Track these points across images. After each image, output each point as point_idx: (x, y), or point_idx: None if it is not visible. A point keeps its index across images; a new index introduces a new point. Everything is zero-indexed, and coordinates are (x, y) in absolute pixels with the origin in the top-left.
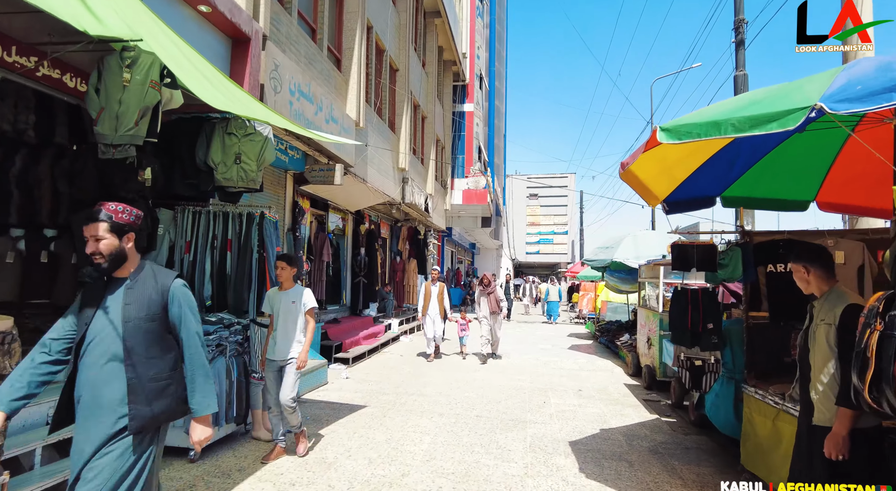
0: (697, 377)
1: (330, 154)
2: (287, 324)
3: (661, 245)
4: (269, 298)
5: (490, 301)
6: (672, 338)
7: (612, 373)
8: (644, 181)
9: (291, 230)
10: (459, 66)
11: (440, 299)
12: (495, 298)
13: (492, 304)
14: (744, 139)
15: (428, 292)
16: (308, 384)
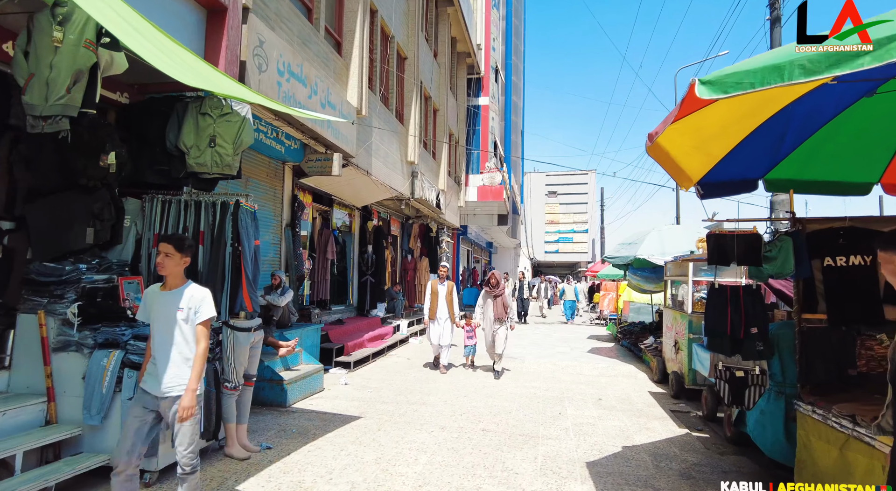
0: (739, 391)
1: (328, 143)
2: (168, 339)
3: (688, 240)
4: (146, 298)
5: (496, 305)
6: (708, 344)
7: (636, 379)
8: (675, 158)
9: (291, 226)
10: (474, 58)
11: (448, 301)
12: (503, 302)
13: (498, 309)
14: (798, 106)
15: (435, 292)
16: (301, 392)
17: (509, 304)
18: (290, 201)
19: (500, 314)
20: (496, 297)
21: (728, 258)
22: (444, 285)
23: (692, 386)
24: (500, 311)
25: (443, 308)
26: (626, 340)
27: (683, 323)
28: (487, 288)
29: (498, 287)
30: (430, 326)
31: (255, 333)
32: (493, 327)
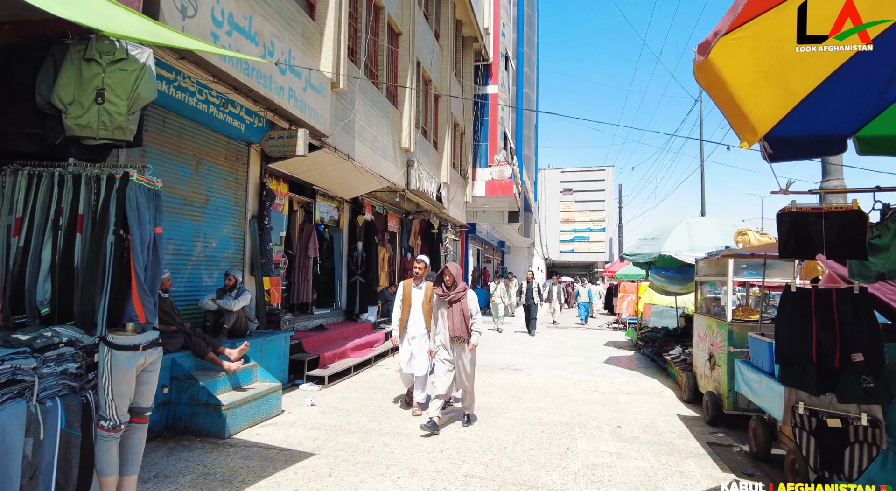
0: (833, 450)
1: (291, 116)
2: None
3: (722, 234)
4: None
5: (451, 316)
6: (780, 375)
7: (661, 397)
8: (734, 89)
9: (257, 218)
10: (481, 43)
11: (427, 310)
12: (463, 310)
13: (455, 321)
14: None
15: (407, 297)
16: (247, 418)
17: (472, 313)
18: (258, 190)
19: (458, 330)
20: (452, 303)
21: (811, 248)
22: (420, 288)
23: (733, 411)
24: (459, 325)
25: (418, 321)
26: (648, 347)
27: (721, 333)
28: (439, 290)
29: (454, 287)
30: (400, 345)
31: (147, 353)
32: (451, 351)
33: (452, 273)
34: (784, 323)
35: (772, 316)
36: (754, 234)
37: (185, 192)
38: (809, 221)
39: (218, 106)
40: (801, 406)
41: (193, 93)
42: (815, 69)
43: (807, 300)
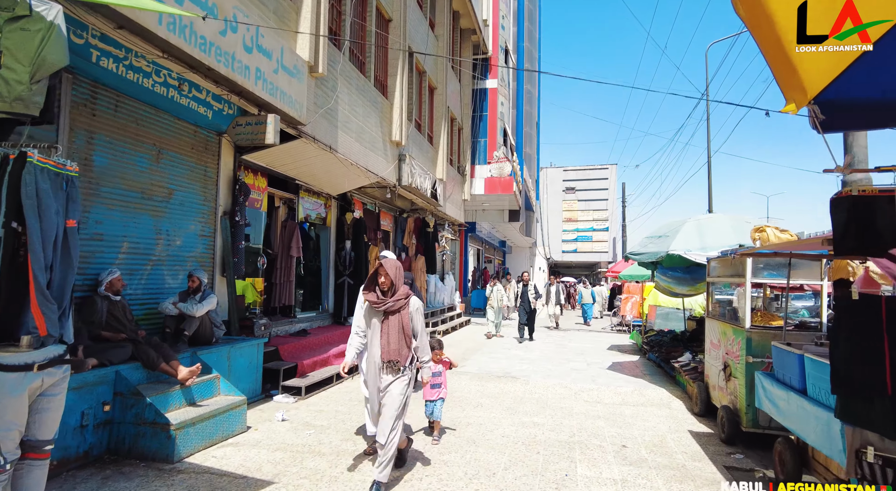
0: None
1: (259, 100)
2: None
3: (736, 231)
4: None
5: (385, 331)
6: (841, 410)
7: (670, 410)
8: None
9: (229, 214)
10: (479, 35)
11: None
12: (402, 324)
13: (388, 339)
14: None
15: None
16: (203, 438)
17: (418, 329)
18: (231, 183)
19: (393, 353)
20: (389, 314)
21: (878, 241)
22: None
23: (753, 429)
24: (396, 345)
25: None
26: (654, 352)
27: (738, 341)
28: (371, 296)
29: (392, 293)
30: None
31: (46, 373)
32: (381, 379)
33: (389, 273)
34: (843, 341)
35: (795, 321)
36: (773, 231)
37: (144, 185)
38: (877, 208)
39: (179, 89)
40: (871, 452)
41: (149, 73)
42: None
43: (874, 311)
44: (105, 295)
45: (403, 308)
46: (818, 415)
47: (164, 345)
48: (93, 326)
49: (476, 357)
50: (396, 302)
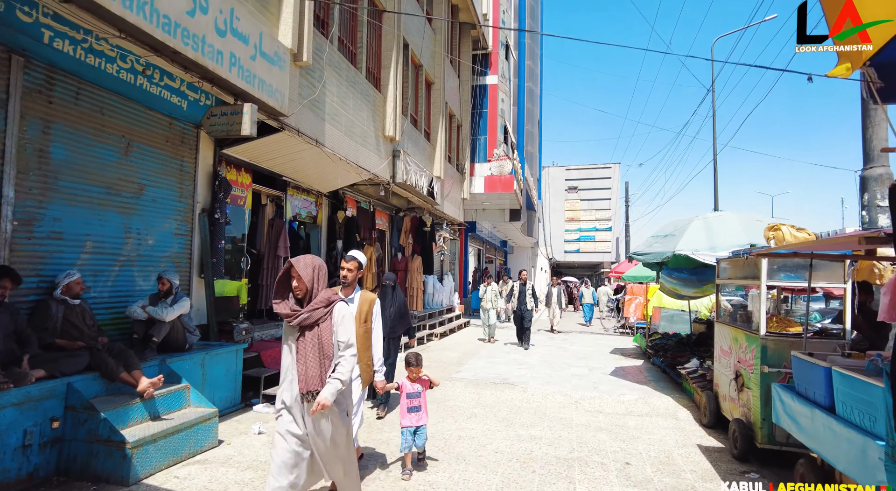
0: None
1: (236, 89)
2: None
3: (746, 230)
4: None
5: (302, 353)
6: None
7: (676, 420)
8: None
9: (208, 212)
10: (479, 30)
11: (359, 336)
12: (320, 342)
13: (305, 363)
14: None
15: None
16: (166, 456)
17: (343, 339)
18: (210, 179)
19: (311, 381)
20: (305, 329)
21: None
22: (352, 302)
23: (769, 445)
24: (314, 371)
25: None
26: (659, 357)
27: (751, 348)
28: (282, 306)
29: (308, 300)
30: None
31: None
32: (304, 418)
33: (304, 275)
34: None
35: (818, 325)
36: (789, 230)
37: (111, 180)
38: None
39: (149, 77)
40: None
41: (113, 58)
42: None
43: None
44: (61, 299)
45: (323, 320)
46: (850, 438)
47: (130, 352)
48: (46, 333)
49: (473, 361)
50: (312, 312)
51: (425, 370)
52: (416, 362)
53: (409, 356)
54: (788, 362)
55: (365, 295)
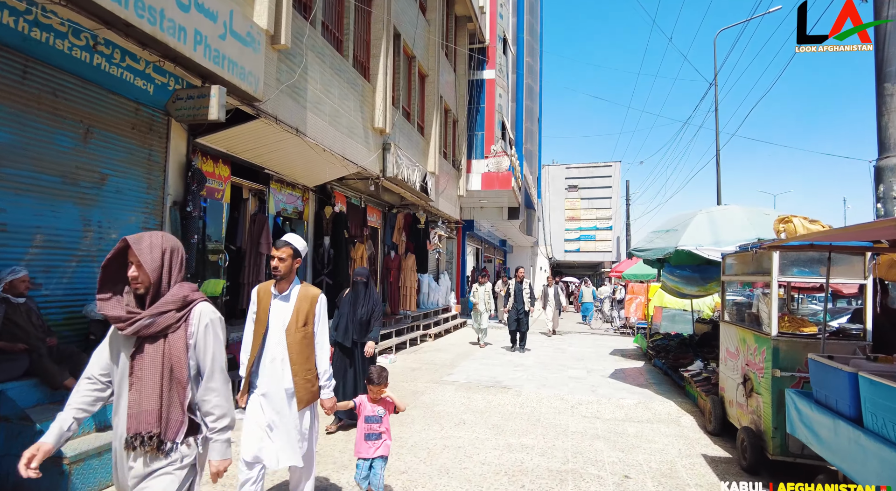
0: None
1: (203, 70)
2: None
3: (754, 224)
4: None
5: (139, 381)
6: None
7: (679, 427)
8: None
9: (180, 205)
10: (476, 23)
11: (295, 341)
12: (167, 360)
13: (140, 394)
14: None
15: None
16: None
17: (207, 363)
18: (182, 170)
19: (145, 421)
20: (146, 340)
21: None
22: (287, 299)
23: (781, 457)
24: (150, 404)
25: (279, 360)
26: (660, 358)
27: (761, 350)
28: (110, 304)
29: (148, 299)
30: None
31: None
32: (127, 469)
33: (145, 261)
34: None
35: (834, 324)
36: (801, 222)
37: (66, 168)
38: None
39: (107, 56)
40: None
41: (64, 34)
42: None
43: None
44: (3, 297)
45: (173, 328)
46: (883, 455)
47: (81, 355)
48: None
49: (466, 363)
50: (157, 317)
51: (414, 374)
52: (379, 380)
53: (372, 371)
54: (803, 366)
55: (306, 290)
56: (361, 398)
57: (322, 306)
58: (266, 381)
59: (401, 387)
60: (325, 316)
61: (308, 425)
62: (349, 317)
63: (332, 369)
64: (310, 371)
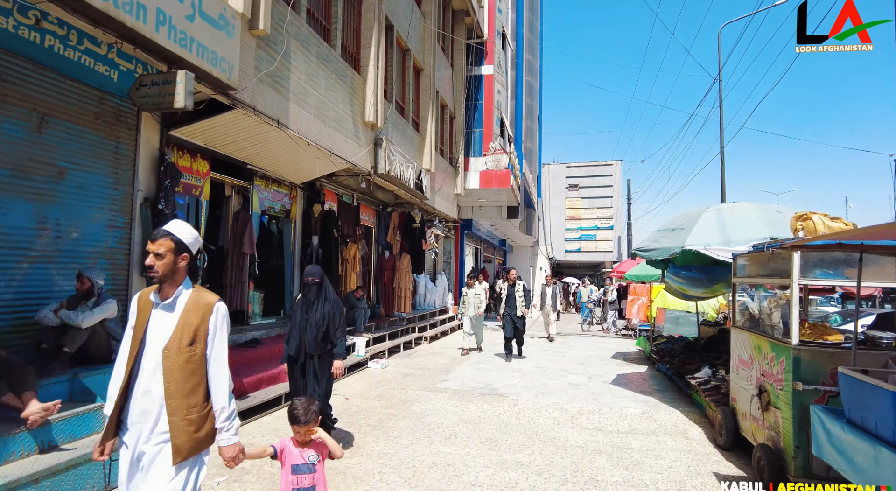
0: None
1: (168, 54)
2: None
3: (766, 223)
4: None
5: None
6: None
7: (687, 440)
8: None
9: (151, 202)
10: (473, 17)
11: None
12: None
13: None
14: None
15: (140, 326)
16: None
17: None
18: (154, 164)
19: None
20: None
21: None
22: (170, 307)
23: (804, 479)
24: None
25: (154, 385)
26: (664, 362)
27: (780, 360)
28: None
29: None
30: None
31: None
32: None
33: None
34: None
35: (854, 332)
36: (821, 219)
37: (16, 160)
38: None
39: (63, 38)
40: None
41: (8, 11)
42: None
43: None
44: None
45: None
46: None
47: (26, 369)
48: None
49: (462, 368)
50: None
51: (406, 381)
52: (306, 417)
53: (295, 405)
54: (828, 378)
55: (199, 298)
56: (284, 442)
57: (219, 319)
58: (136, 423)
59: (390, 395)
60: (223, 332)
61: (188, 489)
62: (301, 326)
63: (234, 405)
64: (195, 408)
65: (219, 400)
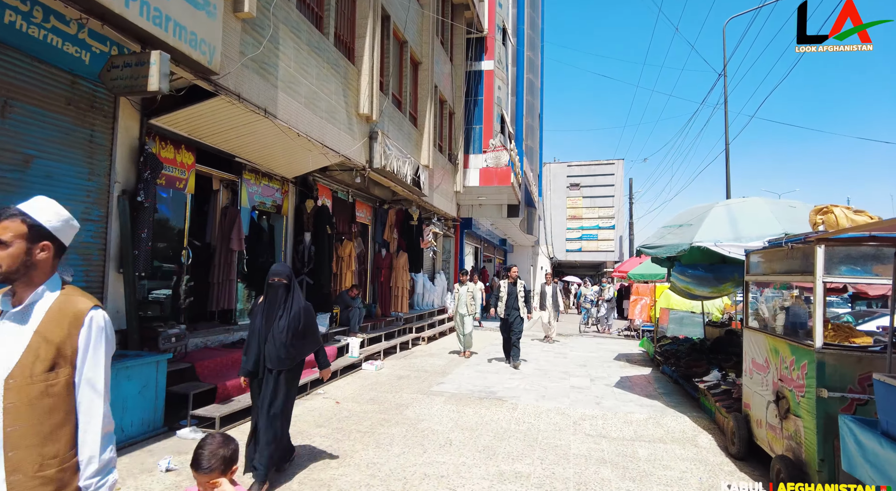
0: None
1: (141, 32)
2: None
3: (780, 218)
4: None
5: None
6: None
7: (697, 449)
8: None
9: (130, 194)
10: (473, 10)
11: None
12: None
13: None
14: None
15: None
16: None
17: None
18: (134, 155)
19: None
20: None
21: None
22: (20, 320)
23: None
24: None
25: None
26: (669, 364)
27: (800, 364)
28: None
29: None
30: None
31: None
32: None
33: None
34: None
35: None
36: (843, 212)
37: None
38: None
39: (26, 14)
40: None
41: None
42: None
43: None
44: None
45: None
46: None
47: None
48: None
49: (459, 370)
50: None
51: (401, 384)
52: (208, 464)
53: (203, 446)
54: (856, 385)
55: (66, 304)
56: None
57: (94, 333)
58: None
59: (383, 398)
60: (100, 351)
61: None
62: (261, 334)
63: (111, 454)
64: (53, 460)
65: (86, 447)
